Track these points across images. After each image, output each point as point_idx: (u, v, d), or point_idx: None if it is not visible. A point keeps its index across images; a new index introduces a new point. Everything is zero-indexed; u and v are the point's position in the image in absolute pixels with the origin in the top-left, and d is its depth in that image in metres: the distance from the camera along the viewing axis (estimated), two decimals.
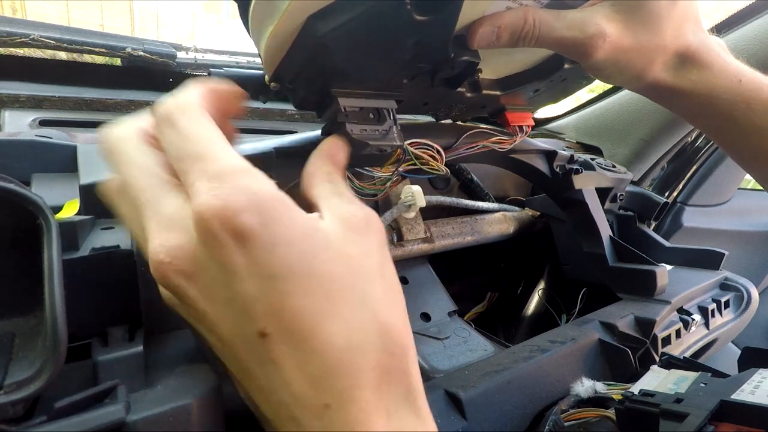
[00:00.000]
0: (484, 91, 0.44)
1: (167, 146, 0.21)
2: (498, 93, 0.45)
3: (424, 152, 0.39)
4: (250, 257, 0.18)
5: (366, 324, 0.19)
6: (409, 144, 0.38)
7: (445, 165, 0.42)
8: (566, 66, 0.43)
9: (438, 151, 0.40)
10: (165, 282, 0.19)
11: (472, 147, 0.46)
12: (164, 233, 0.19)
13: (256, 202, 0.18)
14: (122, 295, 0.29)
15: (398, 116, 0.35)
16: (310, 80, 0.31)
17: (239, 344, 0.19)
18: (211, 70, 0.36)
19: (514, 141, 0.49)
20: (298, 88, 0.32)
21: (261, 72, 0.35)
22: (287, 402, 0.18)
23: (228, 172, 0.19)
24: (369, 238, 0.21)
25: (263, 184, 0.19)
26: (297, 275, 0.18)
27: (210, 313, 0.19)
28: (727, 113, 0.34)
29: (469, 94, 0.43)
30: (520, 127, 0.49)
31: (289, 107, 0.77)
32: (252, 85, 0.38)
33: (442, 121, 0.50)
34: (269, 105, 0.75)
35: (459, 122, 0.51)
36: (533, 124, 0.51)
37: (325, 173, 0.25)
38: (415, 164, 0.39)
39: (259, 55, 0.31)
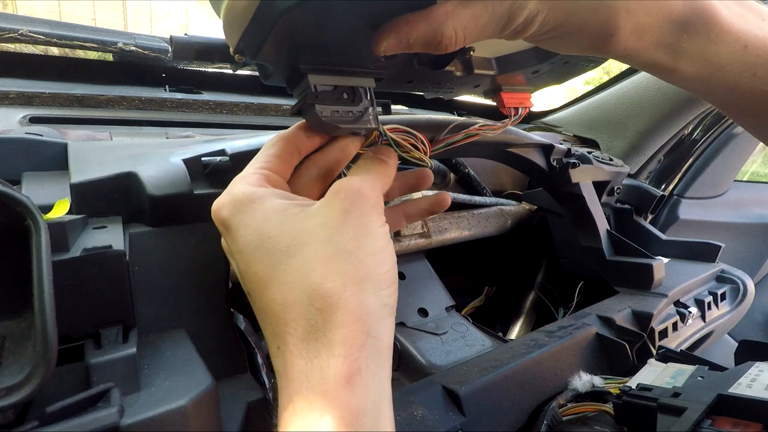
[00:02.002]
0: (477, 71, 0.40)
1: None
2: (492, 73, 0.42)
3: (405, 140, 0.37)
4: (230, 238, 0.26)
5: (296, 285, 0.23)
6: (389, 129, 0.35)
7: (438, 159, 0.40)
8: None
9: (422, 142, 0.38)
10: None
11: (461, 137, 0.43)
12: None
13: (231, 200, 0.27)
14: (115, 295, 0.28)
15: (393, 105, 0.33)
16: (276, 54, 0.28)
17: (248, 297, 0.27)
18: (173, 35, 0.34)
19: (506, 124, 0.45)
20: (264, 62, 0.29)
21: None
22: (266, 341, 0.25)
23: (231, 185, 0.28)
24: (331, 208, 0.25)
25: (241, 187, 0.27)
26: (252, 249, 0.25)
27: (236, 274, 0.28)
28: (731, 85, 0.28)
29: (459, 74, 0.39)
30: (516, 109, 0.45)
31: (284, 102, 0.76)
32: (219, 54, 0.35)
33: (432, 116, 0.48)
34: (265, 100, 0.74)
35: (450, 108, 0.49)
36: (531, 105, 0.46)
37: (354, 167, 0.29)
38: (394, 151, 0.35)
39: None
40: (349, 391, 0.21)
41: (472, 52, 0.38)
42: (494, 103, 0.46)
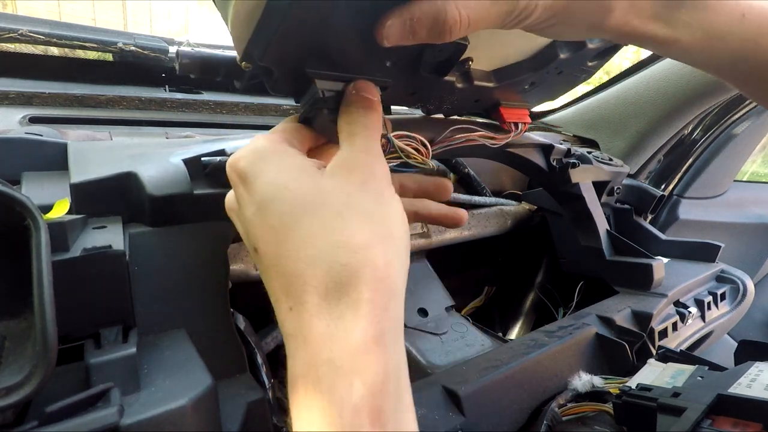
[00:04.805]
0: (476, 83, 0.41)
1: None
2: (491, 85, 0.43)
3: (407, 144, 0.37)
4: (246, 189, 0.25)
5: (319, 240, 0.22)
6: (395, 136, 0.35)
7: (438, 159, 0.40)
8: (562, 56, 0.40)
9: (423, 144, 0.38)
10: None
11: (460, 141, 0.44)
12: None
13: (251, 151, 0.26)
14: (115, 295, 0.28)
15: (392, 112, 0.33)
16: (283, 59, 0.28)
17: (251, 254, 0.26)
18: (179, 49, 0.34)
19: (508, 137, 0.47)
20: (272, 68, 0.29)
21: (234, 54, 0.32)
22: (274, 301, 0.24)
23: (251, 142, 0.27)
24: (348, 178, 0.25)
25: (262, 141, 0.27)
26: (269, 200, 0.24)
27: (240, 231, 0.28)
28: (734, 55, 0.28)
29: (459, 85, 0.41)
30: (516, 124, 0.48)
31: (284, 102, 0.76)
32: (224, 68, 0.35)
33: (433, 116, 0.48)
34: (265, 101, 0.74)
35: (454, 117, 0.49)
36: (530, 121, 0.49)
37: (344, 123, 0.28)
38: (399, 156, 0.36)
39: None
40: (375, 355, 0.21)
41: (470, 63, 0.39)
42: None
